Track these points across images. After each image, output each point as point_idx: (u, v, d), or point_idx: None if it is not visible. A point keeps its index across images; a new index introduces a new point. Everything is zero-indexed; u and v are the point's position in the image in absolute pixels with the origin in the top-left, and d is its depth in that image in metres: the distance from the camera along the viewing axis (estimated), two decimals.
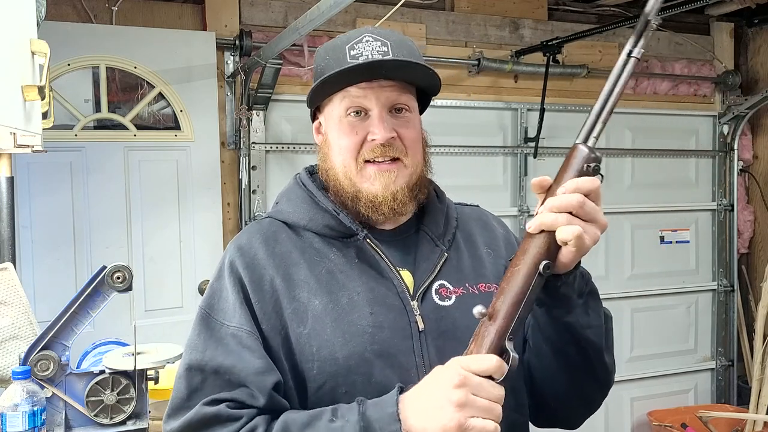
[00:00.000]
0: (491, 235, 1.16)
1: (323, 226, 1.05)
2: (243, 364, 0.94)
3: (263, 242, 1.05)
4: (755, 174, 4.07)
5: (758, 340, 3.60)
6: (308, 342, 0.97)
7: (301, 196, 1.11)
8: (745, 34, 4.04)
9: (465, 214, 1.18)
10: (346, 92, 1.04)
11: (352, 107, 1.03)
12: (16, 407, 1.47)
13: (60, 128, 2.64)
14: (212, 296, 1.02)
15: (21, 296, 1.77)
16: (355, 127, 1.04)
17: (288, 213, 1.09)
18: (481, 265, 1.10)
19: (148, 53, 2.81)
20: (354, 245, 1.04)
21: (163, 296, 2.88)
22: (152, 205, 2.86)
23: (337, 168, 1.06)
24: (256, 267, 1.01)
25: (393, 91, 1.04)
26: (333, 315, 0.98)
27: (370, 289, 1.01)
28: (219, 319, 0.99)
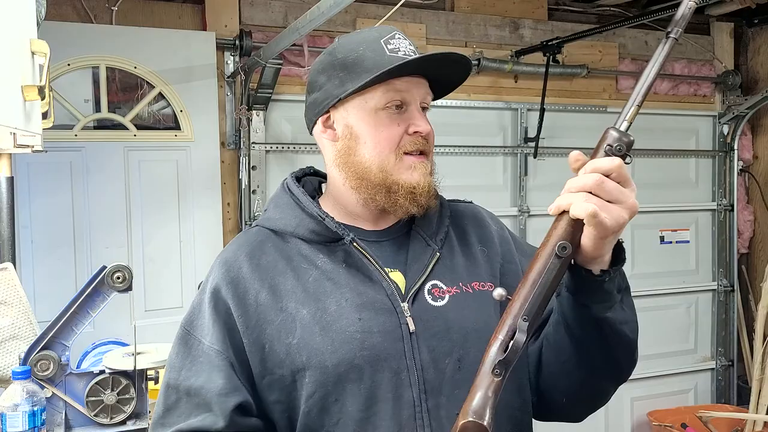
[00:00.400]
0: (485, 232, 1.15)
1: (309, 232, 1.04)
2: (210, 384, 0.96)
3: (248, 255, 1.04)
4: (755, 174, 4.07)
5: (758, 340, 3.60)
6: (298, 351, 0.96)
7: (287, 202, 1.09)
8: (745, 34, 4.04)
9: (458, 211, 1.17)
10: (389, 85, 1.03)
11: (394, 100, 1.03)
12: (16, 407, 1.47)
13: (60, 128, 2.64)
14: (192, 312, 1.04)
15: (21, 296, 1.77)
16: (395, 119, 1.04)
17: (275, 220, 1.08)
18: (475, 263, 1.09)
19: (148, 53, 2.81)
20: (341, 249, 1.03)
21: (163, 296, 2.88)
22: (152, 205, 2.86)
23: (371, 161, 1.04)
24: (240, 282, 1.01)
25: (425, 88, 1.07)
26: (321, 323, 0.97)
27: (359, 294, 0.99)
28: (196, 335, 1.00)
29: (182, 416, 0.96)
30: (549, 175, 3.53)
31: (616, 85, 3.75)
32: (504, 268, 1.10)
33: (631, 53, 3.77)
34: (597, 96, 3.68)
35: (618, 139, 0.89)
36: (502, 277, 1.09)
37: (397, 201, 1.02)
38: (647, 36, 3.80)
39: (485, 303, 1.03)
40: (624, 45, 3.74)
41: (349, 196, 1.07)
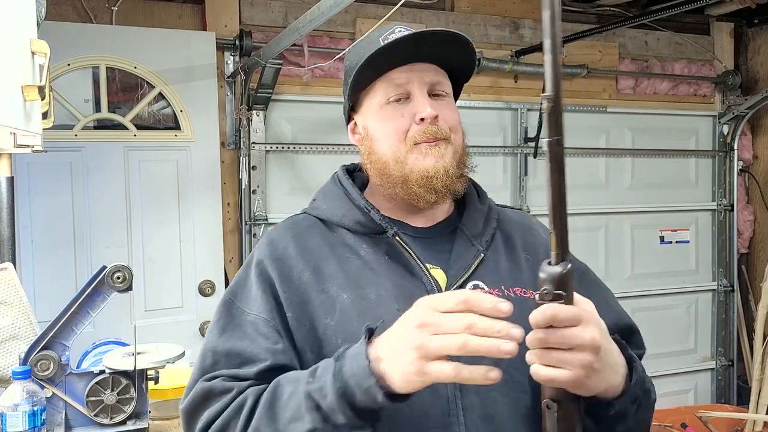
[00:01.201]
0: (533, 240, 1.13)
1: (355, 222, 1.05)
2: (254, 346, 0.95)
3: (294, 237, 1.06)
4: (755, 174, 4.07)
5: (758, 340, 3.60)
6: (334, 334, 0.96)
7: (336, 193, 1.11)
8: (745, 34, 4.04)
9: (507, 216, 1.16)
10: (386, 79, 1.04)
11: (394, 94, 1.04)
12: (16, 407, 1.47)
13: (60, 128, 2.64)
14: (237, 284, 1.05)
15: (21, 296, 1.77)
16: (399, 110, 1.04)
17: (322, 209, 1.10)
18: (519, 269, 1.07)
19: (148, 53, 2.81)
20: (385, 242, 1.03)
21: (163, 296, 2.88)
22: (152, 205, 2.86)
23: (386, 155, 1.05)
24: (285, 260, 1.03)
25: (431, 73, 1.04)
26: (359, 309, 0.97)
27: (398, 286, 0.99)
28: (241, 306, 1.01)
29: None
30: None
31: (616, 85, 3.75)
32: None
33: (631, 53, 3.77)
34: (597, 96, 3.68)
35: (545, 280, 0.75)
36: None
37: (412, 190, 1.03)
38: (647, 36, 3.80)
39: (526, 310, 0.97)
40: (624, 45, 3.74)
41: (382, 194, 1.09)
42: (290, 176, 3.12)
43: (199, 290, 2.93)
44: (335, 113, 3.22)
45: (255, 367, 0.94)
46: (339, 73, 3.20)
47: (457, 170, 1.04)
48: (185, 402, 0.97)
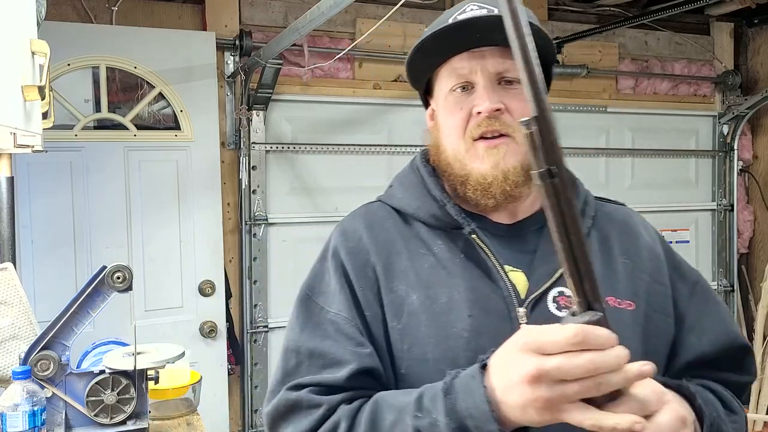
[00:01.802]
0: (633, 242, 1.00)
1: (430, 216, 0.97)
2: (337, 347, 0.88)
3: (367, 228, 0.98)
4: (755, 174, 4.07)
5: (758, 340, 3.60)
6: (400, 338, 0.89)
7: (413, 182, 1.02)
8: (745, 34, 4.04)
9: (605, 213, 1.03)
10: (449, 66, 0.95)
11: (457, 82, 0.95)
12: (16, 407, 1.47)
13: (60, 128, 2.64)
14: (314, 278, 0.98)
15: (21, 296, 1.77)
16: (459, 102, 0.95)
17: (398, 198, 1.02)
18: (614, 275, 0.95)
19: (148, 53, 2.81)
20: (462, 239, 0.93)
21: (163, 296, 2.88)
22: (152, 205, 2.86)
23: (448, 149, 0.97)
24: (359, 253, 0.95)
25: (499, 60, 0.92)
26: (429, 313, 0.89)
27: (472, 289, 0.90)
28: (319, 303, 0.94)
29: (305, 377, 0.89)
30: None
31: (616, 85, 3.75)
32: (651, 287, 0.96)
33: (631, 53, 3.77)
34: (597, 96, 3.68)
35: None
36: (648, 296, 0.95)
37: (469, 194, 0.94)
38: (647, 36, 3.80)
39: (620, 323, 0.85)
40: (624, 45, 3.74)
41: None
42: (290, 176, 3.12)
43: (199, 290, 2.93)
44: (335, 113, 3.23)
45: (341, 372, 0.86)
46: (339, 73, 3.20)
47: (524, 174, 0.91)
48: (269, 407, 0.91)
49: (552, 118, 0.59)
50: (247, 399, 3.10)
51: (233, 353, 3.03)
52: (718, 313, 1.00)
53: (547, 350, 0.65)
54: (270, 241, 3.09)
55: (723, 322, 0.99)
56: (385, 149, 3.23)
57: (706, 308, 1.00)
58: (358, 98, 3.22)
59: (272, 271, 3.10)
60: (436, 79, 0.99)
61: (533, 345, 0.66)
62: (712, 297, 1.02)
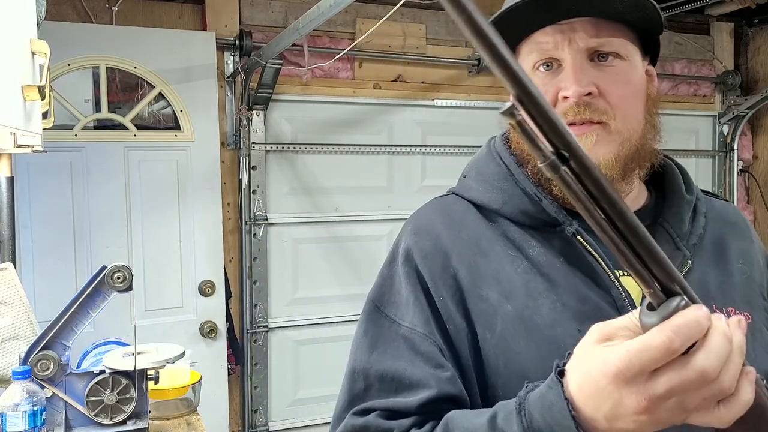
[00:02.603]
0: (747, 245, 0.89)
1: (520, 212, 0.83)
2: (414, 369, 0.76)
3: (447, 225, 0.85)
4: (755, 174, 4.07)
5: None
6: (494, 352, 0.77)
7: (496, 173, 0.87)
8: (745, 34, 4.04)
9: (715, 210, 0.91)
10: (532, 40, 0.82)
11: (540, 59, 0.81)
12: (17, 407, 1.46)
13: (60, 128, 2.64)
14: (383, 285, 0.85)
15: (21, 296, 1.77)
16: (543, 83, 0.81)
17: (477, 191, 0.87)
18: (731, 283, 0.84)
19: (148, 53, 2.81)
20: (559, 239, 0.81)
21: (163, 296, 2.88)
22: (152, 205, 2.86)
23: None
24: (437, 255, 0.82)
25: (591, 33, 0.79)
26: (529, 325, 0.77)
27: (581, 299, 0.78)
28: (390, 315, 0.82)
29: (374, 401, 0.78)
30: None
31: None
32: (761, 300, 0.86)
33: None
34: None
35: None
36: (760, 309, 0.85)
37: (553, 189, 0.82)
38: None
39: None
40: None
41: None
42: (290, 176, 3.12)
43: (199, 290, 2.93)
44: (335, 113, 3.23)
45: (416, 396, 0.75)
46: (339, 73, 3.21)
47: (619, 167, 0.79)
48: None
49: (539, 94, 0.46)
50: (247, 399, 3.10)
51: (233, 353, 3.03)
52: None
53: (647, 370, 0.53)
54: (270, 241, 3.09)
55: None
56: (385, 149, 3.23)
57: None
58: (358, 98, 3.22)
59: (272, 271, 3.10)
60: (518, 53, 0.85)
61: (628, 375, 0.53)
62: None
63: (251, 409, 3.09)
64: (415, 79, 3.29)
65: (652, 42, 0.86)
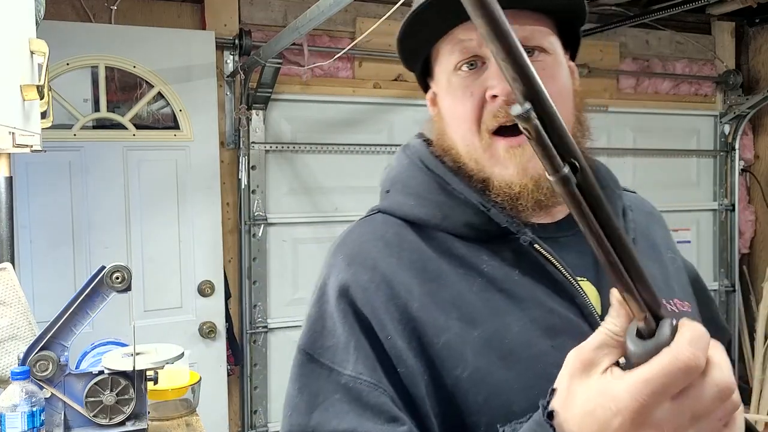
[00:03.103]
0: (667, 234, 0.88)
1: (464, 225, 0.75)
2: (365, 428, 0.66)
3: (383, 250, 0.74)
4: (756, 174, 4.06)
5: (759, 340, 3.59)
6: (471, 389, 0.68)
7: (425, 184, 0.78)
8: (747, 34, 4.03)
9: (633, 203, 0.87)
10: (452, 38, 0.75)
11: (463, 58, 0.74)
12: (15, 408, 1.46)
13: (59, 128, 2.64)
14: (313, 330, 0.73)
15: (20, 296, 1.76)
16: (468, 85, 0.74)
17: (410, 207, 0.78)
18: (668, 274, 0.82)
19: (147, 52, 2.80)
20: (509, 249, 0.74)
21: (162, 296, 2.87)
22: (151, 204, 2.85)
23: (459, 146, 0.77)
24: (379, 287, 0.72)
25: (517, 25, 0.72)
26: (501, 351, 0.69)
27: (549, 312, 0.71)
28: (326, 363, 0.71)
29: None
30: None
31: (617, 84, 3.74)
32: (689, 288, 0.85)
33: (632, 52, 3.77)
34: (598, 95, 3.67)
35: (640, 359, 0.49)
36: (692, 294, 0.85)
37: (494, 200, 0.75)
38: (648, 35, 3.80)
39: None
40: (625, 44, 3.74)
41: None
42: (290, 176, 3.11)
43: (199, 290, 2.92)
44: (335, 113, 3.22)
45: None
46: (339, 73, 3.20)
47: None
48: None
49: (549, 102, 0.42)
50: (246, 399, 3.09)
51: (233, 354, 3.02)
52: (714, 309, 0.92)
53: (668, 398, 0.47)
54: (269, 241, 3.08)
55: (719, 319, 0.92)
56: (385, 149, 3.22)
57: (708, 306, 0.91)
58: (358, 98, 3.21)
59: (272, 271, 3.10)
60: (435, 56, 0.79)
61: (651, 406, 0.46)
62: (707, 291, 0.93)
63: (251, 409, 3.09)
64: (415, 79, 3.28)
65: (572, 34, 0.81)
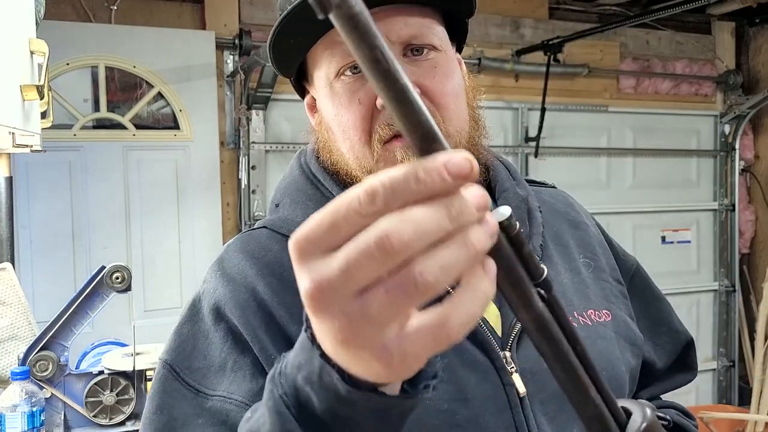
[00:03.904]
0: (584, 234, 0.81)
1: None
2: None
3: (262, 269, 0.69)
4: (756, 174, 4.06)
5: (759, 340, 3.59)
6: None
7: (314, 198, 0.73)
8: (747, 34, 4.03)
9: (546, 203, 0.80)
10: (330, 40, 0.68)
11: (345, 63, 0.67)
12: (15, 408, 1.46)
13: (59, 128, 2.63)
14: (182, 348, 0.67)
15: (20, 296, 1.76)
16: (354, 91, 0.68)
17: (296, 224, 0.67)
18: (582, 281, 0.76)
19: (147, 52, 2.80)
20: None
21: (162, 296, 2.87)
22: (151, 205, 2.85)
23: (347, 157, 0.71)
24: (255, 305, 0.66)
25: (402, 23, 0.66)
26: None
27: None
28: (192, 384, 0.65)
29: None
30: (550, 174, 3.52)
31: (617, 84, 3.74)
32: (614, 288, 0.80)
33: (632, 52, 3.76)
34: (598, 95, 3.67)
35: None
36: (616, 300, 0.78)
37: None
38: (648, 35, 3.79)
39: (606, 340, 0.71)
40: (625, 44, 3.73)
41: None
42: None
43: None
44: None
45: None
46: None
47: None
48: None
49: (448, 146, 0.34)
50: None
51: None
52: (662, 309, 0.86)
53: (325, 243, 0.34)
54: None
55: (669, 320, 0.85)
56: None
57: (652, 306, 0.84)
58: None
59: None
60: (313, 59, 0.72)
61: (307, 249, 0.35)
62: (652, 287, 0.86)
63: None
64: None
65: (457, 24, 0.74)
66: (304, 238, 0.35)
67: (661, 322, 0.85)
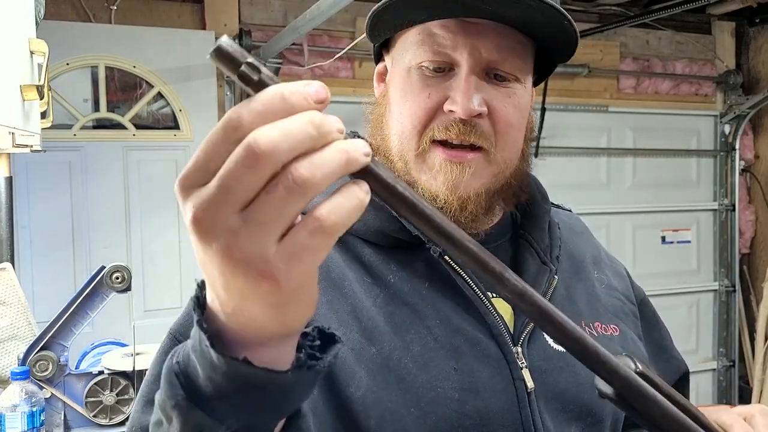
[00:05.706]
0: (597, 255, 0.84)
1: (375, 232, 0.70)
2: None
3: None
4: (757, 174, 4.06)
5: (760, 340, 3.59)
6: (363, 410, 0.62)
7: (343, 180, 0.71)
8: (747, 34, 4.03)
9: (563, 222, 0.83)
10: (426, 29, 0.68)
11: (432, 57, 0.68)
12: (15, 408, 1.46)
13: (59, 128, 2.63)
14: (188, 317, 0.64)
15: (20, 296, 1.76)
16: (428, 85, 0.68)
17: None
18: (595, 296, 0.79)
19: (147, 52, 2.80)
20: (421, 259, 0.69)
21: (162, 296, 2.87)
22: (151, 204, 2.85)
23: (392, 140, 0.71)
24: None
25: (495, 42, 0.67)
26: (399, 371, 0.64)
27: (454, 330, 0.67)
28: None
29: None
30: (550, 174, 3.52)
31: (618, 84, 3.74)
32: (625, 307, 0.83)
33: (632, 52, 3.76)
34: (598, 95, 3.67)
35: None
36: (626, 318, 0.81)
37: None
38: (648, 35, 3.79)
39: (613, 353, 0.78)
40: (625, 44, 3.73)
41: None
42: None
43: None
44: (335, 112, 3.19)
45: None
46: (339, 73, 3.20)
47: (487, 201, 0.70)
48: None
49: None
50: None
51: None
52: (665, 337, 0.90)
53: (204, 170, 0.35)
54: None
55: (671, 347, 0.90)
56: None
57: (656, 332, 0.89)
58: (358, 98, 3.21)
59: None
60: (403, 39, 0.72)
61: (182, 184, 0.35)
62: (657, 315, 0.90)
63: None
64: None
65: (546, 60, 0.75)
66: (183, 177, 0.35)
67: (664, 349, 0.89)
